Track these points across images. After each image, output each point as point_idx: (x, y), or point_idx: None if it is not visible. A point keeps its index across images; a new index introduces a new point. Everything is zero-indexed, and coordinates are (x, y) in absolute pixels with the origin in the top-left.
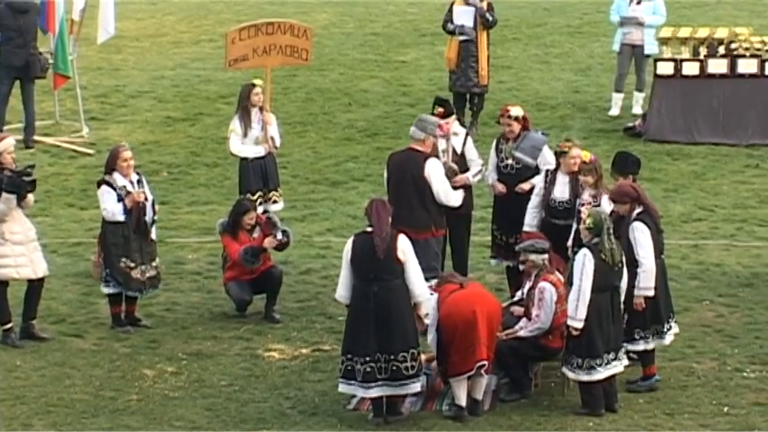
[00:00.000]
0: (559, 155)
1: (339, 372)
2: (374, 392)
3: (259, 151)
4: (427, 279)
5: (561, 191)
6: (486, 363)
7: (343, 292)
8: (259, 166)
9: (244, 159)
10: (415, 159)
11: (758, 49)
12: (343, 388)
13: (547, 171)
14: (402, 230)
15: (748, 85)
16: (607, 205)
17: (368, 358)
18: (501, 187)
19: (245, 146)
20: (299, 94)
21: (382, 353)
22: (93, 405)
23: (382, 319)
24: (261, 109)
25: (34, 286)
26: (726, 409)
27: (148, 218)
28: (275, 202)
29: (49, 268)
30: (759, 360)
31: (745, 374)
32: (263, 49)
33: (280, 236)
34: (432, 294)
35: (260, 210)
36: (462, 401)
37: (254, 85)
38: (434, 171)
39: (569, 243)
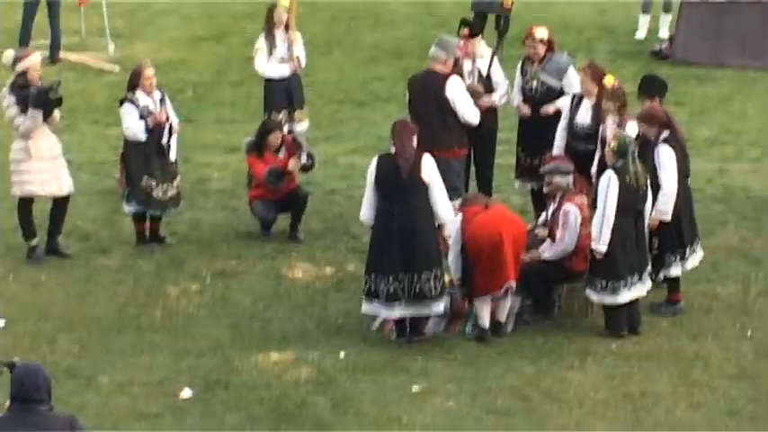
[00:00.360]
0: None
1: (363, 291)
2: (397, 312)
3: (284, 70)
4: (450, 199)
5: (584, 116)
6: (513, 283)
7: (367, 213)
8: (284, 85)
9: (269, 79)
10: (437, 79)
11: None
12: (366, 308)
13: (573, 95)
14: (425, 150)
15: None
16: (632, 132)
17: (391, 278)
18: (526, 109)
19: (270, 64)
20: (324, 14)
21: (405, 272)
22: (118, 322)
23: (406, 240)
24: (287, 28)
25: (59, 203)
26: (749, 332)
27: (164, 141)
28: (300, 121)
29: (75, 185)
30: None
31: None
32: None
33: (304, 159)
34: (455, 215)
35: (285, 129)
36: (486, 323)
37: (277, 5)
38: (457, 89)
39: (593, 170)
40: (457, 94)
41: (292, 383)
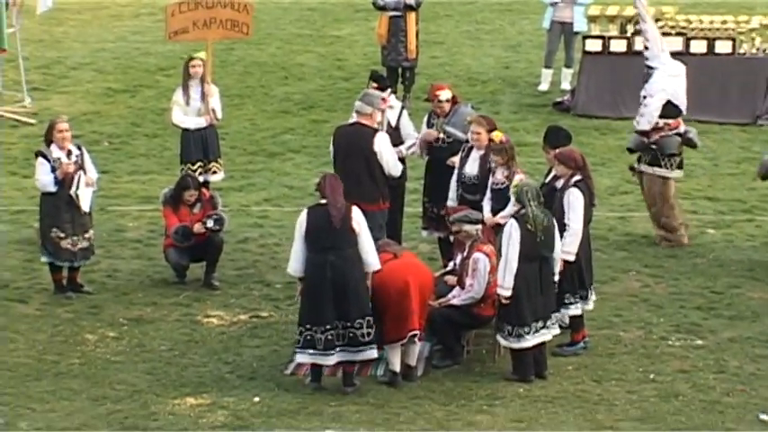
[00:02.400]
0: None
1: (298, 343)
2: (333, 359)
3: (200, 122)
4: None
5: (472, 167)
6: (418, 332)
7: (295, 264)
8: (200, 136)
9: (185, 130)
10: (364, 133)
11: (683, 27)
12: (301, 358)
13: (463, 146)
14: (352, 203)
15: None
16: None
17: (328, 326)
18: (431, 137)
19: (186, 117)
20: (236, 67)
21: (340, 320)
22: (36, 368)
23: (339, 288)
24: (202, 81)
25: None
26: (652, 376)
27: (72, 191)
28: (215, 172)
29: None
30: (683, 329)
31: (669, 342)
32: (204, 22)
33: (210, 224)
34: None
35: (201, 179)
36: (396, 367)
37: (193, 58)
38: (384, 144)
39: (488, 214)
40: (384, 147)
41: (208, 427)
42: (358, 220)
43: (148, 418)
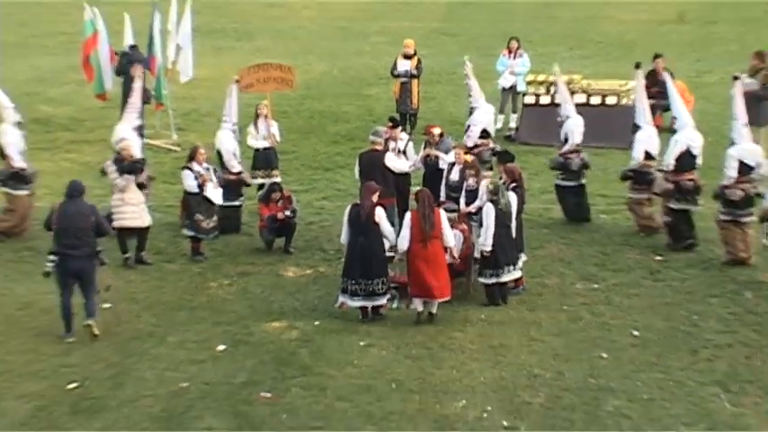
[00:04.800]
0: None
1: (339, 288)
2: (357, 304)
3: (265, 144)
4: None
5: (454, 175)
6: (439, 299)
7: (343, 238)
8: (264, 154)
9: (256, 150)
10: (378, 155)
11: (585, 88)
12: (341, 298)
13: (449, 163)
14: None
15: (579, 110)
16: (484, 187)
17: (353, 282)
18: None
19: (256, 141)
20: (305, 113)
21: (363, 278)
22: (178, 304)
23: (365, 258)
24: (266, 118)
25: (143, 231)
26: (564, 307)
27: (205, 193)
28: (275, 176)
29: (153, 220)
30: (585, 277)
31: (576, 286)
32: (263, 79)
33: (288, 213)
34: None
35: (265, 181)
36: (419, 308)
37: (260, 104)
38: (390, 159)
39: (464, 207)
40: (390, 161)
41: (287, 341)
42: (380, 215)
43: (249, 335)
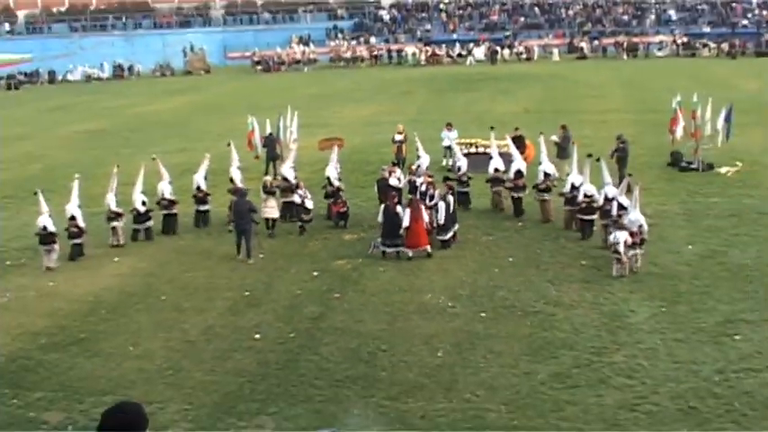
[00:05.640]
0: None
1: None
2: (389, 250)
3: (335, 175)
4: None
5: (422, 187)
6: (426, 246)
7: (380, 219)
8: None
9: (328, 177)
10: (385, 180)
11: (501, 146)
12: (382, 247)
13: (420, 182)
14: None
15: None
16: (438, 194)
17: (387, 240)
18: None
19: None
20: (353, 159)
21: (389, 237)
22: (294, 252)
23: (392, 228)
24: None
25: (275, 219)
26: (477, 248)
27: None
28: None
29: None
30: (485, 234)
31: (482, 239)
32: (330, 142)
33: (344, 208)
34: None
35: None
36: (410, 254)
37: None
38: (392, 181)
39: (428, 203)
40: (392, 182)
41: (346, 269)
42: (398, 211)
43: (328, 267)
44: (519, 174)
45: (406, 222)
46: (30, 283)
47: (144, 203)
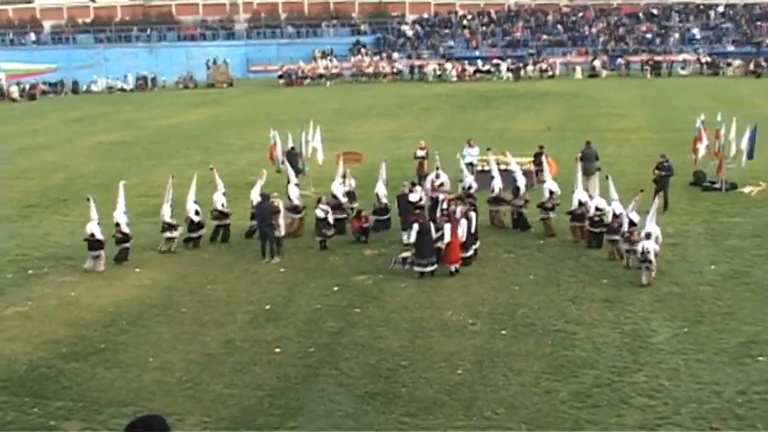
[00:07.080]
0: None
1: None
2: (428, 270)
3: (345, 189)
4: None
5: (445, 204)
6: (456, 264)
7: (412, 239)
8: (351, 195)
9: (346, 192)
10: (405, 196)
11: (507, 163)
12: (418, 268)
13: (442, 200)
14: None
15: (505, 174)
16: (460, 211)
17: (424, 260)
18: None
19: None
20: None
21: (425, 257)
22: (315, 267)
23: (428, 246)
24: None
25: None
26: (498, 265)
27: (329, 218)
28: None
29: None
30: (506, 252)
31: (503, 256)
32: (348, 157)
33: (366, 224)
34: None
35: (354, 206)
36: (452, 270)
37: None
38: (412, 197)
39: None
40: (412, 198)
41: (366, 284)
42: (431, 228)
43: (348, 282)
44: (551, 193)
45: (447, 237)
46: (51, 292)
47: (197, 213)
